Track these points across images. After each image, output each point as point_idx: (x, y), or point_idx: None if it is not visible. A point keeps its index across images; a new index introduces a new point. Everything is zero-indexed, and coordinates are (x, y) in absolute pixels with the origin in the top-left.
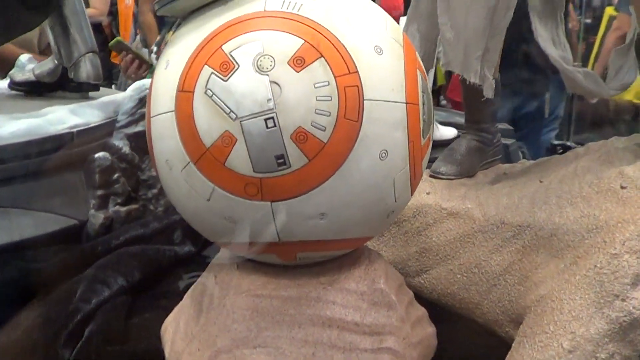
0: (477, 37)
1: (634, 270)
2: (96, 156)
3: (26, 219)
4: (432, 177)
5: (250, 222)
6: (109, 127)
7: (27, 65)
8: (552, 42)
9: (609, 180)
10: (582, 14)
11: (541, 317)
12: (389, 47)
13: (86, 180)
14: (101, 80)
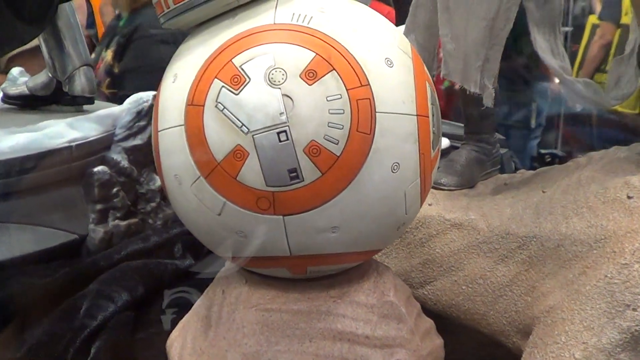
0: (477, 47)
1: None
2: (95, 170)
3: (26, 234)
4: (434, 188)
5: (261, 237)
6: (107, 141)
7: (19, 78)
8: (551, 52)
9: (614, 190)
10: (565, 23)
11: (552, 327)
12: (399, 59)
13: (85, 194)
14: (96, 93)
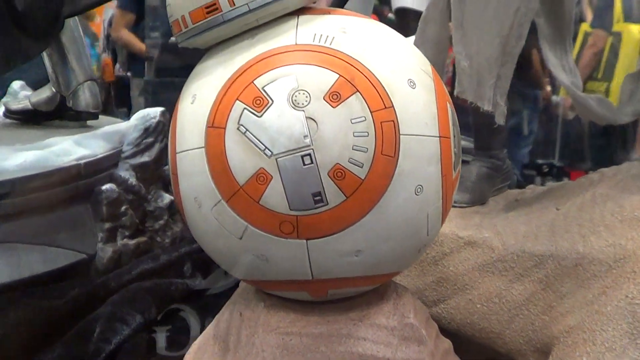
0: (490, 65)
1: None
2: (103, 188)
3: (35, 254)
4: None
5: (283, 260)
6: (114, 158)
7: (20, 92)
8: (562, 68)
9: (631, 208)
10: None
11: (572, 348)
12: (421, 80)
13: (93, 212)
14: (100, 108)
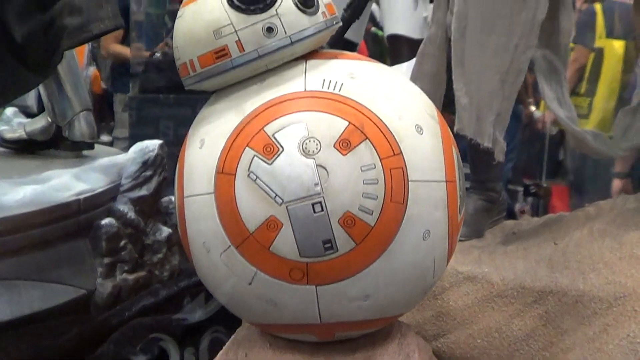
0: (490, 101)
1: None
2: (102, 223)
3: (35, 290)
4: None
5: (292, 306)
6: (113, 192)
7: (14, 119)
8: (557, 102)
9: (630, 245)
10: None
11: None
12: (428, 125)
13: (92, 247)
14: (96, 138)
